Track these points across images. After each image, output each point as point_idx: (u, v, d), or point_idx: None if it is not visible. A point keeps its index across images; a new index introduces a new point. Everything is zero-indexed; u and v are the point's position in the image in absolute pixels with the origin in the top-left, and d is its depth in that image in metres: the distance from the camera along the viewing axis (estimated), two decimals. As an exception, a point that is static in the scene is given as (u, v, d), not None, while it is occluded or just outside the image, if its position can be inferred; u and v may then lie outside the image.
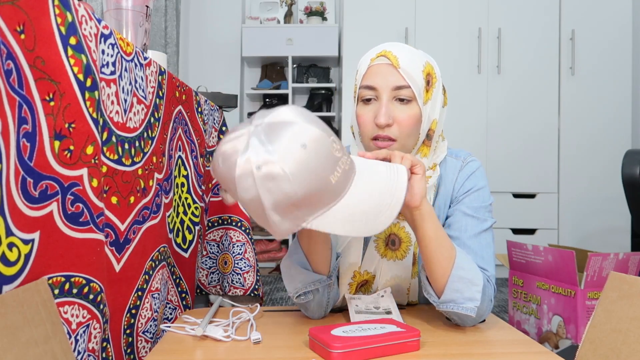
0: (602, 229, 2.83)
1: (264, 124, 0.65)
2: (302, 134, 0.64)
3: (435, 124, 0.91)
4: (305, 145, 0.63)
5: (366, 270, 0.94)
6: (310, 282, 0.85)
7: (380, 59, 0.87)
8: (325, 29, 3.19)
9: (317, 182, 0.65)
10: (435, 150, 0.94)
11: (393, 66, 0.86)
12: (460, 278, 0.81)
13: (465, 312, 0.80)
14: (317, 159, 0.64)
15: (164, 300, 1.03)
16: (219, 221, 1.49)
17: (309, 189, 0.64)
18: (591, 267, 1.37)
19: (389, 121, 0.85)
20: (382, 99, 0.86)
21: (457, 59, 2.87)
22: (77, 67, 0.64)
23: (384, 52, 0.88)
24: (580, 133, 2.85)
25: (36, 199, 0.57)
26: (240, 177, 0.64)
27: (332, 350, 0.70)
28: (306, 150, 0.63)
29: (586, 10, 2.85)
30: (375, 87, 0.87)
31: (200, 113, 1.27)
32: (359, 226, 0.69)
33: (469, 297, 0.80)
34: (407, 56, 0.87)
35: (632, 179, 1.63)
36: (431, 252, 0.82)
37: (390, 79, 0.86)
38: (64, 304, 0.63)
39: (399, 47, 0.88)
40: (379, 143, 0.87)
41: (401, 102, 0.87)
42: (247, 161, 0.63)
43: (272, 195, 0.63)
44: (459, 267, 0.81)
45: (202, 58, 3.35)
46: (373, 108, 0.88)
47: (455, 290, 0.81)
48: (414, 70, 0.86)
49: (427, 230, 0.81)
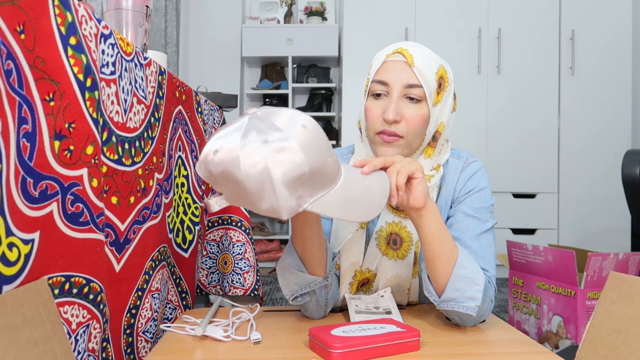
0: (602, 229, 2.83)
1: (259, 112, 0.67)
2: (298, 116, 0.67)
3: (443, 127, 0.92)
4: (305, 126, 0.66)
5: (368, 269, 0.94)
6: (305, 284, 0.85)
7: (396, 56, 0.88)
8: (325, 29, 3.19)
9: (320, 160, 0.67)
10: (440, 153, 0.95)
11: (407, 64, 0.86)
12: (461, 277, 0.81)
13: (466, 311, 0.80)
14: (317, 137, 0.67)
15: (164, 300, 1.03)
16: (219, 221, 1.49)
17: (315, 165, 0.67)
18: (591, 267, 1.37)
19: (397, 117, 0.85)
20: (393, 95, 0.86)
21: (457, 59, 2.87)
22: (77, 67, 0.64)
23: (401, 49, 0.88)
24: (580, 133, 2.85)
25: (36, 199, 0.57)
26: (247, 155, 0.63)
27: (332, 350, 0.70)
28: (307, 129, 0.66)
29: (586, 10, 2.85)
30: (388, 83, 0.87)
31: (200, 113, 1.27)
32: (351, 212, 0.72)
33: (470, 296, 0.80)
34: (422, 56, 0.88)
35: (632, 179, 1.63)
36: (434, 251, 0.82)
37: (403, 76, 0.86)
38: (64, 304, 0.63)
39: (416, 46, 0.89)
40: (385, 137, 0.87)
41: (411, 100, 0.87)
42: (254, 139, 0.64)
43: (282, 166, 0.64)
44: (460, 266, 0.81)
45: (202, 58, 3.35)
46: (383, 103, 0.88)
47: (456, 289, 0.81)
48: (427, 70, 0.87)
49: (431, 229, 0.81)
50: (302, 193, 0.67)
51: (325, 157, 0.69)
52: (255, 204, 0.66)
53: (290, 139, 0.64)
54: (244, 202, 0.68)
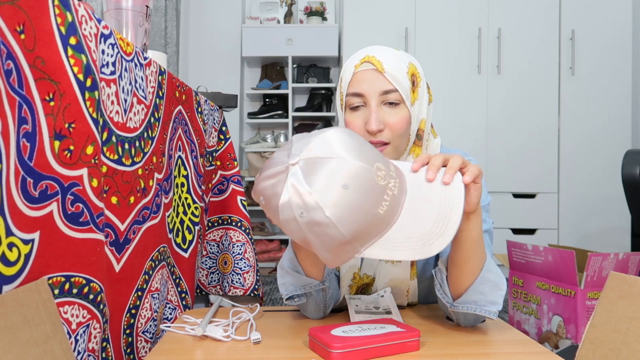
0: (602, 229, 2.83)
1: (300, 163, 0.62)
2: (341, 172, 0.61)
3: (424, 123, 0.91)
4: (346, 186, 0.61)
5: (366, 274, 0.94)
6: (300, 285, 0.86)
7: (365, 65, 0.86)
8: (325, 29, 3.19)
9: (365, 219, 0.63)
10: (427, 149, 0.94)
11: (378, 71, 0.85)
12: (487, 280, 0.80)
13: (486, 315, 0.79)
14: (360, 196, 0.62)
15: (164, 300, 1.03)
16: (219, 221, 1.49)
17: (357, 228, 0.63)
18: (591, 267, 1.37)
19: (380, 127, 0.85)
20: (371, 104, 0.85)
21: (457, 59, 2.87)
22: (77, 67, 0.64)
23: (367, 57, 0.87)
24: (580, 133, 2.85)
25: (36, 199, 0.57)
26: (284, 221, 0.64)
27: (332, 350, 0.70)
28: (348, 190, 0.61)
29: (586, 10, 2.85)
30: (363, 94, 0.86)
31: (200, 113, 1.27)
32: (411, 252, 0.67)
33: (492, 300, 0.79)
34: (391, 60, 0.86)
35: (632, 179, 1.63)
36: (469, 254, 0.79)
37: (377, 84, 0.85)
38: (64, 304, 0.63)
39: (381, 50, 0.88)
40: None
41: (390, 105, 0.86)
42: (289, 207, 0.62)
43: (319, 238, 0.63)
44: (487, 270, 0.80)
45: (202, 58, 3.35)
46: (362, 114, 0.87)
47: (479, 292, 0.80)
48: (399, 73, 0.86)
49: (473, 233, 0.78)
50: (350, 248, 0.65)
51: (374, 209, 0.63)
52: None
53: (326, 209, 0.60)
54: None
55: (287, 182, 0.62)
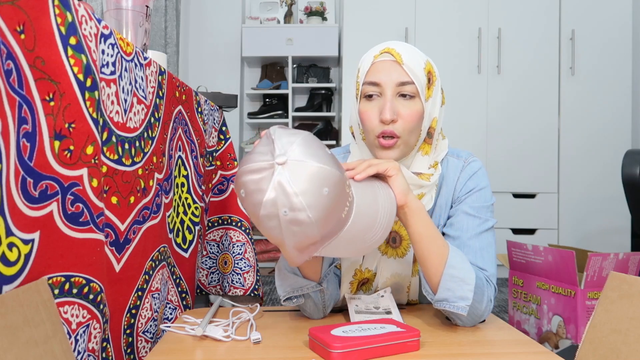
0: (602, 229, 2.83)
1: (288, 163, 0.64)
2: (324, 179, 0.65)
3: (436, 122, 0.92)
4: (327, 192, 0.65)
5: (367, 268, 0.94)
6: (298, 286, 0.87)
7: (384, 56, 0.88)
8: (325, 29, 3.19)
9: (333, 222, 0.68)
10: (436, 148, 0.95)
11: (397, 62, 0.87)
12: (452, 277, 0.81)
13: (457, 310, 0.81)
14: (335, 202, 0.66)
15: (164, 300, 1.03)
16: (219, 221, 1.49)
17: (327, 230, 0.67)
18: (591, 267, 1.37)
19: (394, 116, 0.86)
20: (387, 94, 0.87)
21: (457, 59, 2.87)
22: (77, 67, 0.64)
23: (388, 49, 0.88)
24: (580, 133, 2.85)
25: (36, 199, 0.57)
26: (265, 217, 0.65)
27: (332, 350, 0.70)
28: (328, 196, 0.65)
29: (586, 10, 2.85)
30: (379, 83, 0.87)
31: (200, 113, 1.27)
32: (359, 247, 0.75)
33: (461, 295, 0.81)
34: (410, 53, 0.88)
35: (632, 179, 1.63)
36: (422, 250, 0.83)
37: (394, 75, 0.87)
38: (64, 304, 0.63)
39: (401, 44, 0.90)
40: (383, 141, 0.87)
41: (404, 98, 0.87)
42: (274, 205, 0.63)
43: (295, 237, 0.66)
44: (450, 266, 0.82)
45: (202, 58, 3.35)
46: (377, 104, 0.88)
47: (447, 289, 0.82)
48: (416, 67, 0.87)
49: (416, 227, 0.82)
50: (313, 248, 0.70)
51: (340, 213, 0.69)
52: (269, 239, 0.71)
53: (309, 212, 0.63)
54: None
55: (273, 180, 0.63)
